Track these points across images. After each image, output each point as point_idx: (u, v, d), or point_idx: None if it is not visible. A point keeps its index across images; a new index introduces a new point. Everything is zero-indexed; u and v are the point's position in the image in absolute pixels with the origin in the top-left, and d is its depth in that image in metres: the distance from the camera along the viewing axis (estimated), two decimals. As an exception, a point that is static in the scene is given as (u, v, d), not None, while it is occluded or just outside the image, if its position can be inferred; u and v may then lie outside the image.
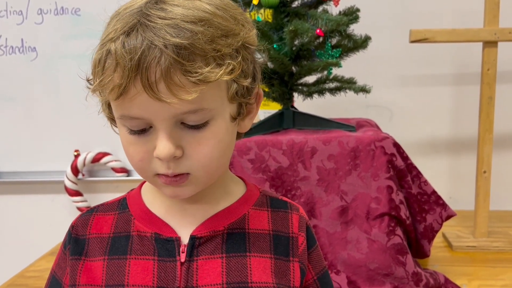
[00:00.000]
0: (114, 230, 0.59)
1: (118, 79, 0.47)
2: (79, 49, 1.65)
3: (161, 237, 0.57)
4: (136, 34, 0.47)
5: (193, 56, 0.47)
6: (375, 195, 1.05)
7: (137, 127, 0.51)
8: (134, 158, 0.53)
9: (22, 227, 1.81)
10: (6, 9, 1.69)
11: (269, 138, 1.09)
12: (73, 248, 0.60)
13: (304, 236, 0.61)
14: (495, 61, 1.28)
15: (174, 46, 0.47)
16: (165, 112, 0.49)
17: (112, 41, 0.48)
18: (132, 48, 0.47)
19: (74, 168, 1.70)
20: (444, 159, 1.68)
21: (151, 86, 0.47)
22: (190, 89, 0.47)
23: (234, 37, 0.51)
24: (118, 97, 0.48)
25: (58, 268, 0.62)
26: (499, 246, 1.30)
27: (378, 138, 1.07)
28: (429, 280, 1.05)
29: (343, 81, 1.21)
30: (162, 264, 0.56)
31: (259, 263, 0.57)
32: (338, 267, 1.04)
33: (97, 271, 0.57)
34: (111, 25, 0.50)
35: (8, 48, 1.71)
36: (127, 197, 0.63)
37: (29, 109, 1.73)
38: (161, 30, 0.47)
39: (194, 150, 0.51)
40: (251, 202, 0.61)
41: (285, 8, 1.15)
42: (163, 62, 0.46)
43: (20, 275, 1.25)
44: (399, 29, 1.50)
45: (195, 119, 0.50)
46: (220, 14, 0.51)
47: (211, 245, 0.57)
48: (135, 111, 0.49)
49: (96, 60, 0.50)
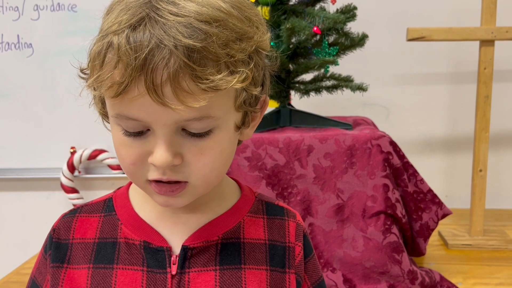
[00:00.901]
0: (99, 235, 0.55)
1: (119, 77, 0.43)
2: (75, 46, 1.64)
3: (150, 246, 0.53)
4: (144, 29, 0.42)
5: (205, 60, 0.43)
6: (371, 193, 1.06)
7: (133, 129, 0.47)
8: (125, 160, 0.49)
9: (18, 224, 1.80)
10: (2, 5, 1.68)
11: (265, 136, 1.09)
12: (54, 254, 0.55)
13: (301, 246, 0.59)
14: (491, 60, 1.29)
15: (185, 47, 0.42)
16: (167, 117, 0.44)
17: (115, 33, 0.43)
18: (138, 44, 0.42)
19: (70, 165, 1.70)
20: (440, 157, 1.68)
21: (156, 89, 0.42)
22: (198, 96, 0.43)
23: (248, 41, 0.47)
24: (116, 96, 0.44)
25: (38, 273, 0.58)
26: (495, 244, 1.31)
27: (374, 136, 1.08)
28: (424, 278, 1.05)
29: (340, 79, 1.21)
30: (151, 275, 0.52)
31: (254, 276, 0.54)
32: (334, 265, 1.05)
33: (80, 281, 0.53)
34: (114, 14, 0.45)
35: (4, 44, 1.70)
36: (113, 197, 0.58)
37: (25, 106, 1.72)
38: (172, 28, 0.42)
39: (194, 158, 0.47)
40: (246, 209, 0.58)
41: (282, 6, 1.15)
42: (172, 64, 0.42)
43: (15, 272, 1.25)
44: (396, 27, 1.51)
45: (199, 127, 0.46)
46: (236, 14, 0.46)
47: (204, 257, 0.53)
48: (133, 112, 0.45)
49: (95, 52, 0.45)
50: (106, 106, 0.49)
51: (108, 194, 0.59)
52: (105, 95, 0.46)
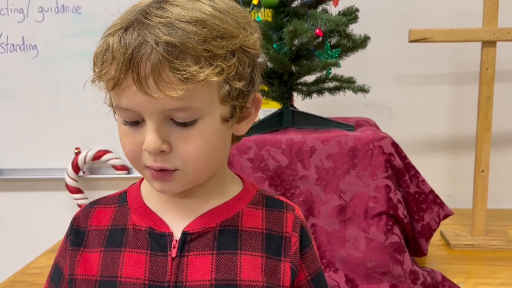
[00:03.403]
0: (112, 223, 0.61)
1: (113, 72, 0.50)
2: (79, 47, 1.67)
3: (154, 232, 0.58)
4: (132, 31, 0.50)
5: (183, 54, 0.49)
6: (373, 194, 1.06)
7: (130, 119, 0.53)
8: (126, 148, 0.55)
9: (23, 224, 1.82)
10: (7, 7, 1.70)
11: (268, 137, 1.10)
12: (74, 239, 0.62)
13: (297, 237, 0.61)
14: (493, 61, 1.29)
15: (164, 43, 0.48)
16: (152, 106, 0.50)
17: (111, 35, 0.51)
18: (127, 43, 0.49)
19: (75, 165, 1.71)
20: (443, 157, 1.69)
21: (141, 81, 0.49)
22: (176, 86, 0.49)
23: (231, 40, 0.52)
24: (112, 88, 0.51)
25: (60, 257, 0.64)
26: (497, 244, 1.31)
27: (376, 137, 1.08)
28: (426, 278, 1.06)
29: (342, 81, 1.22)
30: (154, 258, 0.57)
31: (249, 261, 0.57)
32: (336, 265, 1.05)
33: (93, 262, 0.59)
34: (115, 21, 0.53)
35: (9, 46, 1.71)
36: (128, 191, 0.65)
37: (30, 107, 1.73)
38: (155, 28, 0.49)
39: (181, 146, 0.53)
40: (247, 200, 0.62)
41: (285, 8, 1.15)
42: (152, 58, 0.48)
43: (21, 272, 1.26)
44: (398, 29, 1.51)
45: (183, 116, 0.51)
46: (219, 16, 0.52)
47: (203, 241, 0.57)
48: (125, 102, 0.51)
49: (97, 52, 0.53)
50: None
51: (124, 189, 0.66)
52: (107, 89, 0.54)
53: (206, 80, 0.50)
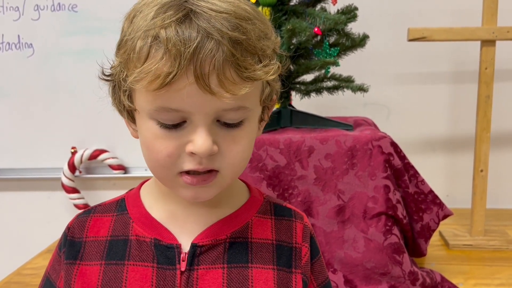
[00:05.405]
0: (111, 233, 0.57)
1: (167, 68, 0.45)
2: (76, 46, 1.65)
3: (161, 243, 0.55)
4: (190, 23, 0.45)
5: (245, 52, 0.47)
6: (372, 194, 1.05)
7: (172, 121, 0.48)
8: (161, 153, 0.50)
9: (19, 224, 1.80)
10: (3, 5, 1.68)
11: (266, 137, 1.09)
12: (68, 251, 0.57)
13: (307, 247, 0.60)
14: (493, 60, 1.28)
15: (230, 39, 0.45)
16: (209, 106, 0.47)
17: (162, 27, 0.45)
18: (187, 36, 0.45)
19: (71, 165, 1.70)
20: (441, 157, 1.68)
21: (204, 78, 0.45)
22: (239, 85, 0.46)
23: (271, 40, 0.51)
24: (160, 87, 0.46)
25: (52, 270, 0.60)
26: (496, 244, 1.31)
27: (375, 137, 1.07)
28: (425, 279, 1.05)
29: (341, 80, 1.21)
30: (161, 272, 0.54)
31: (261, 275, 0.55)
32: (335, 266, 1.05)
33: (92, 276, 0.55)
34: (145, 13, 0.47)
35: (4, 45, 1.70)
36: (125, 197, 0.60)
37: (25, 106, 1.72)
38: (217, 22, 0.45)
39: (228, 147, 0.50)
40: (255, 209, 0.59)
41: (283, 7, 1.15)
42: (219, 54, 0.45)
43: (16, 272, 1.25)
44: (397, 27, 1.50)
45: (234, 117, 0.49)
46: (258, 17, 0.50)
47: (213, 254, 0.55)
48: (177, 102, 0.47)
49: (139, 47, 0.47)
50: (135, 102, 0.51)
51: (121, 195, 0.62)
52: (147, 89, 0.47)
53: (261, 80, 0.48)
